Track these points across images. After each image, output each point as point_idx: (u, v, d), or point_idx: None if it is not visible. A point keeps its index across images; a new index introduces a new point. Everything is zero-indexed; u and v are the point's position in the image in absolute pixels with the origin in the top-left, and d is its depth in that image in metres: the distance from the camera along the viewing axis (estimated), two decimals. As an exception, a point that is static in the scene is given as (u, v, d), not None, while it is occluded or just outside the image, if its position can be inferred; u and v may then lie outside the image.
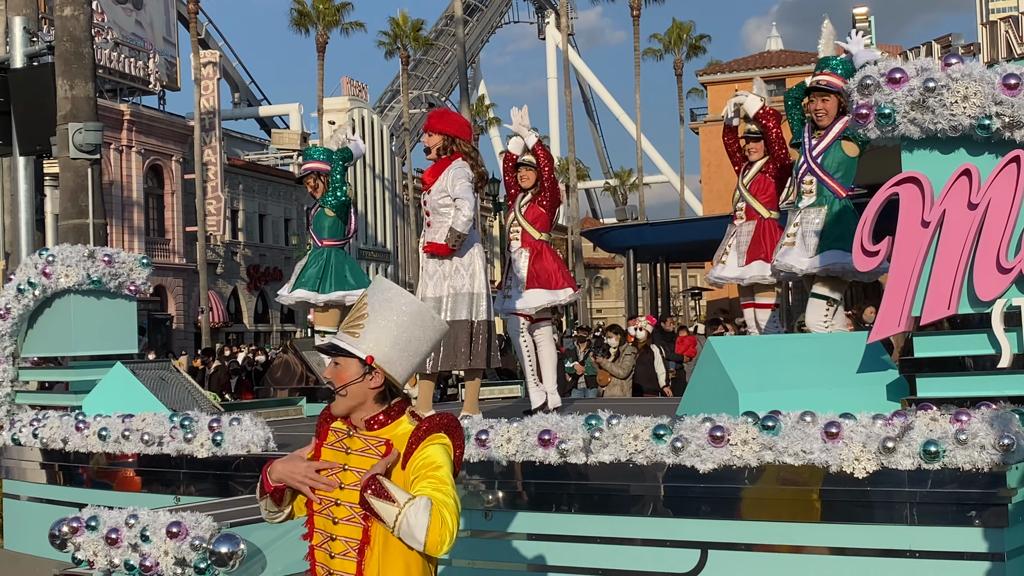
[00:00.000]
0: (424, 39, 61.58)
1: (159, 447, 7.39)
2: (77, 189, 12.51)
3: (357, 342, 3.51)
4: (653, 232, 32.26)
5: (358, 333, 3.52)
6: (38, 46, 13.30)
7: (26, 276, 8.78)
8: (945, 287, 5.08)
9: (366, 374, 3.48)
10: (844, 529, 5.13)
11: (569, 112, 51.16)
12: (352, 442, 3.53)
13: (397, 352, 3.51)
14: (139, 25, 46.43)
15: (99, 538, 5.68)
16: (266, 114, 61.14)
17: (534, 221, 8.28)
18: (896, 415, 5.07)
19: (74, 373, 9.04)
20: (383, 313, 3.53)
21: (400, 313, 3.54)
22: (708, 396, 5.77)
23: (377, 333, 3.51)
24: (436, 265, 7.36)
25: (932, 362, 5.34)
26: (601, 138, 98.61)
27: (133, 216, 42.79)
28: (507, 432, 5.88)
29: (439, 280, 7.34)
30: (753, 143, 8.33)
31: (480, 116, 69.33)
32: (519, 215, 8.29)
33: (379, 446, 3.48)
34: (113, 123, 40.31)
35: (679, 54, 62.99)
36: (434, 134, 7.43)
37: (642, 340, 15.14)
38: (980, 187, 5.03)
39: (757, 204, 8.20)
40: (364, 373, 3.48)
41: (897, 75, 5.12)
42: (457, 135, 7.41)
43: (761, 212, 8.20)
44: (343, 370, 3.51)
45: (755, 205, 8.21)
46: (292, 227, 54.73)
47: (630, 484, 5.66)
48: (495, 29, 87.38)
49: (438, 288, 7.31)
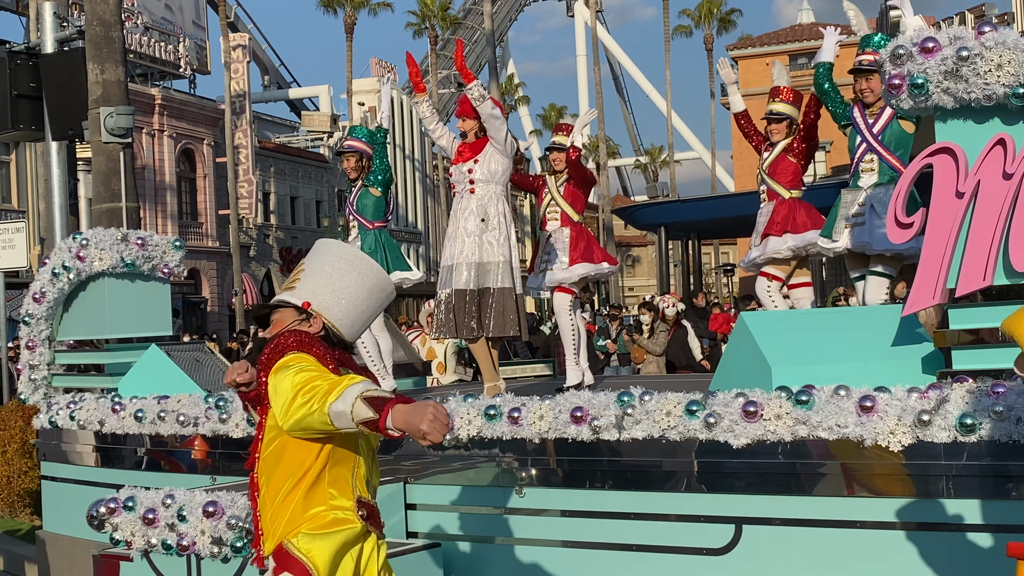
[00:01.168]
0: (452, 18, 61.44)
1: (194, 427, 7.45)
2: (109, 173, 12.56)
3: (293, 294, 3.54)
4: (684, 209, 32.06)
5: (295, 287, 3.55)
6: (68, 31, 13.35)
7: (60, 260, 8.85)
8: (980, 258, 5.02)
9: (302, 320, 3.51)
10: (879, 503, 5.10)
11: (599, 89, 50.90)
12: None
13: (334, 298, 3.52)
14: (168, 9, 46.56)
15: (136, 518, 5.74)
16: (296, 96, 61.22)
17: (573, 202, 8.41)
18: (931, 388, 5.03)
19: (109, 356, 9.11)
20: (318, 265, 3.56)
21: (335, 259, 3.56)
22: (741, 371, 5.74)
23: (313, 281, 3.53)
24: (468, 229, 7.39)
25: (968, 334, 5.29)
26: (631, 115, 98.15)
27: (166, 200, 43.02)
28: (539, 410, 5.89)
29: (466, 246, 7.35)
30: (775, 124, 8.27)
31: (509, 95, 69.18)
32: (557, 196, 8.39)
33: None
34: (144, 107, 40.49)
35: (709, 29, 62.53)
36: (468, 119, 7.57)
37: (671, 317, 15.09)
38: (1015, 156, 4.96)
39: (777, 186, 8.16)
40: (300, 319, 3.51)
41: (930, 44, 5.05)
42: None
43: (782, 193, 8.16)
44: (279, 321, 3.55)
45: (775, 187, 8.17)
46: (324, 209, 54.86)
47: (663, 460, 5.65)
48: (523, 7, 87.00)
49: (482, 252, 7.34)
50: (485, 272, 7.30)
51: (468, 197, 7.44)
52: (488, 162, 7.44)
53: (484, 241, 7.33)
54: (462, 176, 7.51)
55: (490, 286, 7.29)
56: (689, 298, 24.01)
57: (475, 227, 7.35)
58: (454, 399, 6.31)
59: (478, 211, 7.38)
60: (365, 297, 3.60)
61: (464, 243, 7.34)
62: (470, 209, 7.40)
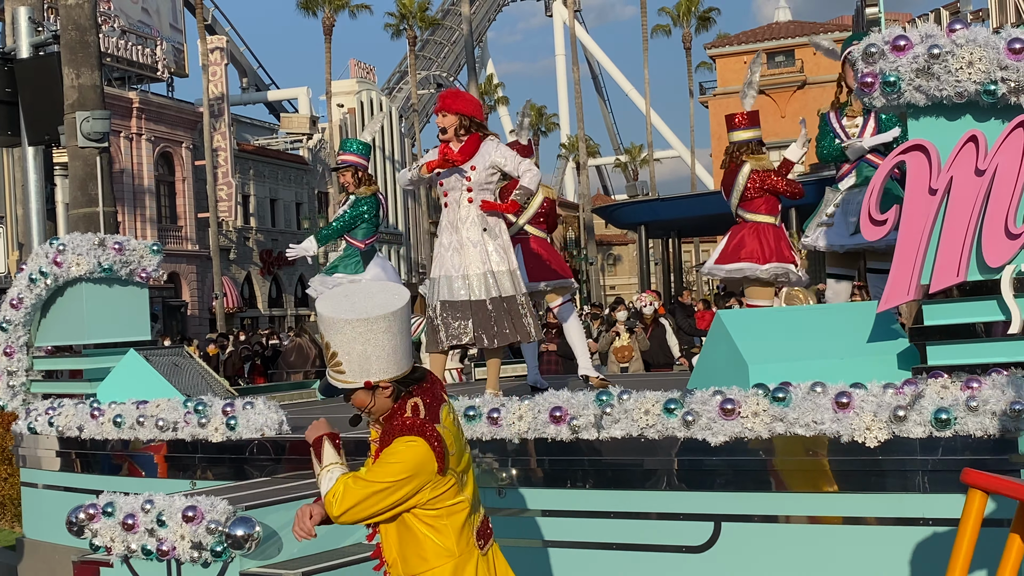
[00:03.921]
0: (431, 19, 61.41)
1: (174, 432, 7.43)
2: (86, 178, 12.53)
3: (348, 378, 3.74)
4: (664, 207, 32.20)
5: (344, 371, 3.74)
6: (44, 35, 13.29)
7: (37, 265, 8.81)
8: (954, 254, 5.06)
9: (374, 392, 3.74)
10: (857, 499, 5.13)
11: (578, 89, 51.03)
12: (373, 432, 3.88)
13: (381, 362, 3.72)
14: (145, 12, 46.43)
15: (116, 524, 5.72)
16: (275, 98, 61.13)
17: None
18: (907, 383, 5.06)
19: (87, 361, 9.08)
20: (347, 346, 3.71)
21: (360, 336, 3.71)
22: (718, 369, 5.77)
23: (355, 363, 3.71)
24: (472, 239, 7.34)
25: (942, 330, 5.33)
26: (611, 114, 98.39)
27: (145, 204, 42.89)
28: (519, 410, 5.90)
29: (473, 256, 7.32)
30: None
31: (488, 95, 69.19)
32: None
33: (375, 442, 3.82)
34: (122, 111, 40.37)
35: (688, 27, 62.70)
36: (449, 114, 7.39)
37: (649, 316, 15.12)
38: (987, 153, 5.00)
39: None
40: (372, 393, 3.74)
41: (901, 42, 5.09)
42: (473, 115, 7.40)
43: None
44: (356, 399, 3.78)
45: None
46: (303, 211, 54.78)
47: (643, 459, 5.67)
48: (501, 7, 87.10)
49: (474, 264, 7.31)
50: (499, 280, 7.31)
51: (466, 207, 7.34)
52: (484, 169, 7.34)
53: (491, 250, 7.32)
54: (455, 183, 7.38)
55: (507, 294, 7.32)
56: (672, 296, 24.05)
57: (479, 237, 7.31)
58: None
59: (480, 221, 7.33)
60: (393, 339, 3.74)
61: (471, 253, 7.31)
62: (471, 219, 7.33)
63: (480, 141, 7.35)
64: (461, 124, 7.35)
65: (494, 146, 7.37)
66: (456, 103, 7.42)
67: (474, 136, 7.35)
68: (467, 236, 7.31)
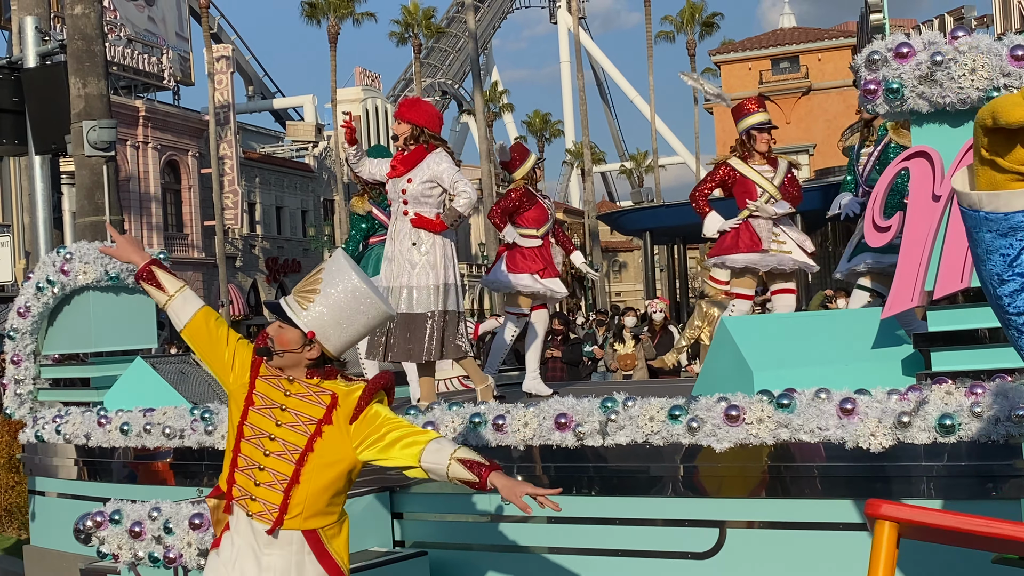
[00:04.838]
0: (436, 27, 61.48)
1: (180, 440, 7.45)
2: (93, 186, 12.56)
3: (303, 314, 3.86)
4: (669, 214, 32.15)
5: (306, 305, 3.87)
6: (50, 45, 13.32)
7: (44, 274, 8.84)
8: (957, 260, 5.07)
9: (305, 345, 3.86)
10: (861, 505, 5.14)
11: (583, 96, 51.06)
12: (292, 386, 3.89)
13: (335, 329, 3.87)
14: (151, 21, 46.55)
15: (123, 531, 5.74)
16: (280, 106, 61.23)
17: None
18: (911, 389, 5.07)
19: (95, 369, 9.11)
20: (332, 291, 3.86)
21: (346, 293, 3.86)
22: (723, 376, 5.78)
23: (322, 309, 3.85)
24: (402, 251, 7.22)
25: (946, 336, 5.34)
26: (616, 121, 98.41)
27: (151, 212, 42.98)
28: (524, 417, 5.91)
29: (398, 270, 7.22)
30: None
31: (493, 102, 69.21)
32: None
33: (323, 395, 3.86)
34: (128, 120, 40.46)
35: (692, 34, 62.74)
36: (403, 122, 7.27)
37: (658, 322, 15.14)
38: (990, 159, 5.01)
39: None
40: (303, 344, 3.86)
41: (904, 49, 5.11)
42: (425, 125, 7.23)
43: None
44: (284, 334, 3.89)
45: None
46: (309, 218, 54.83)
47: (648, 465, 5.68)
48: (506, 15, 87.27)
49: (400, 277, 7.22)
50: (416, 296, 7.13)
51: (402, 219, 7.20)
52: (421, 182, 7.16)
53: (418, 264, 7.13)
54: (396, 194, 7.26)
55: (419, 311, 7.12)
56: (680, 303, 24.02)
57: (408, 249, 7.14)
58: (439, 407, 6.33)
59: (411, 234, 7.17)
60: (363, 331, 3.99)
61: (397, 265, 7.18)
62: (404, 231, 7.18)
63: (425, 154, 7.18)
64: (412, 134, 7.22)
65: (436, 159, 7.17)
66: (409, 112, 7.27)
67: (419, 148, 7.19)
68: (398, 248, 7.20)
